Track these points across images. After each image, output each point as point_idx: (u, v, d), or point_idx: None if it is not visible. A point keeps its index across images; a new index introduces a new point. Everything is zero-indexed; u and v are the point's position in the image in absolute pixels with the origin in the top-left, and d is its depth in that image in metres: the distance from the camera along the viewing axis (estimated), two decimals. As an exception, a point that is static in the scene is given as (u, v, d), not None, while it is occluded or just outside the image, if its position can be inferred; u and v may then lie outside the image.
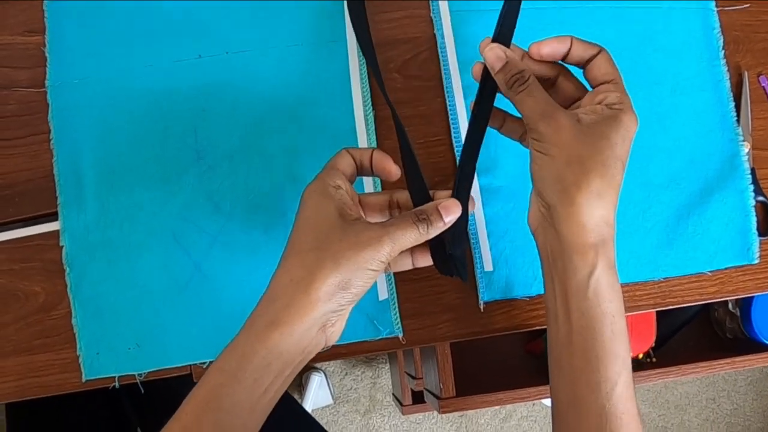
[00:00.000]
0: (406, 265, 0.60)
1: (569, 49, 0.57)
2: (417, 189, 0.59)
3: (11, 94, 0.72)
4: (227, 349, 0.53)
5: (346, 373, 1.83)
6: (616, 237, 0.68)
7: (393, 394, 1.74)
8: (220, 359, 0.53)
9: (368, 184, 0.69)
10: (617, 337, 0.53)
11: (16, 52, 0.73)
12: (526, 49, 0.58)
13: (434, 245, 0.58)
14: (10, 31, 0.73)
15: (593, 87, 0.57)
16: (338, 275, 0.51)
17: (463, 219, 0.57)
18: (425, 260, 0.60)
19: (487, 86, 0.58)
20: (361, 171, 0.60)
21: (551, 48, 0.57)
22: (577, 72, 0.59)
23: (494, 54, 0.56)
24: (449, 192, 0.58)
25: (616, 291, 0.54)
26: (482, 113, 0.59)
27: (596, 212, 0.52)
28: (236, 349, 0.52)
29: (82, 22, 0.72)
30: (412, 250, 0.59)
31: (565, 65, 0.59)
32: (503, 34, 0.58)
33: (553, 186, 0.53)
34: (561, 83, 0.59)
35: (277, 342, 0.51)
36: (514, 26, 0.58)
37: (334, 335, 0.55)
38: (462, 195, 0.58)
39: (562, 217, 0.52)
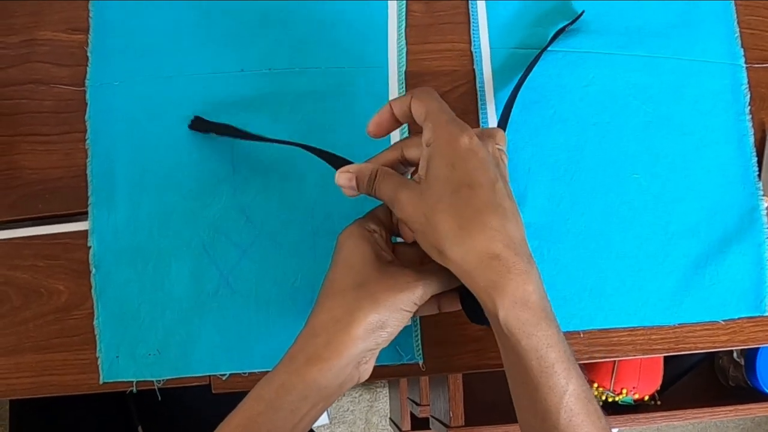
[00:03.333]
0: (432, 310, 0.62)
1: (391, 112, 0.57)
2: None
3: (50, 90, 0.72)
4: (266, 379, 0.54)
5: (344, 394, 1.83)
6: (635, 281, 0.70)
7: (390, 418, 1.73)
8: (258, 388, 0.54)
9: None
10: (546, 370, 0.50)
11: (59, 49, 0.73)
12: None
13: (464, 293, 0.58)
14: (53, 27, 0.73)
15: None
16: (377, 315, 0.53)
17: None
18: (451, 306, 0.61)
19: None
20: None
21: (375, 123, 0.58)
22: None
23: (344, 177, 0.58)
24: None
25: (534, 325, 0.50)
26: None
27: (471, 254, 0.50)
28: (276, 380, 0.53)
29: (127, 24, 0.73)
30: (439, 297, 0.60)
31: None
32: None
33: (435, 255, 0.53)
34: (407, 153, 0.58)
35: (316, 377, 0.52)
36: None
37: (366, 372, 0.57)
38: None
39: (458, 275, 0.52)
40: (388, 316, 0.53)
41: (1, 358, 0.68)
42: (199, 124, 0.70)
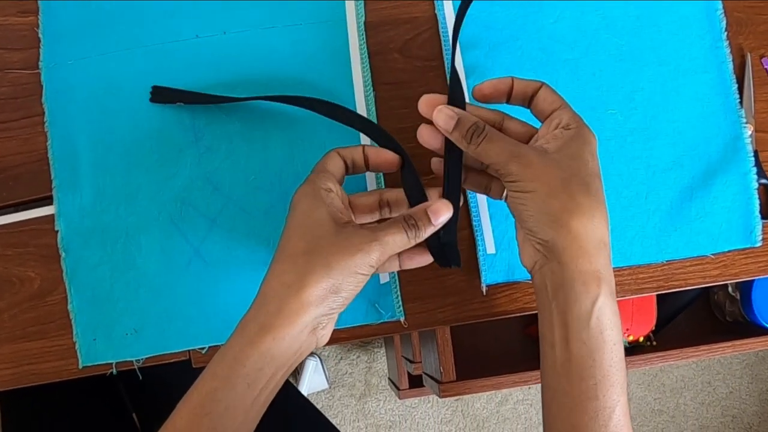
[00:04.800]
0: (393, 267, 0.61)
1: (511, 86, 0.58)
2: (412, 188, 0.59)
3: (4, 75, 0.70)
4: (220, 353, 0.53)
5: (341, 358, 1.83)
6: (619, 221, 0.68)
7: (389, 378, 1.74)
8: (212, 364, 0.53)
9: (371, 182, 0.69)
10: (616, 364, 0.53)
11: (9, 33, 0.71)
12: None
13: (431, 242, 0.58)
14: (2, 12, 0.71)
15: (542, 120, 0.58)
16: (329, 280, 0.52)
17: (454, 214, 0.58)
18: (412, 262, 0.60)
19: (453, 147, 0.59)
20: (353, 170, 0.60)
21: (492, 86, 0.58)
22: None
23: (444, 115, 0.57)
24: (441, 190, 0.59)
25: (617, 317, 0.53)
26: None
27: (592, 234, 0.52)
28: (229, 354, 0.52)
29: (76, 2, 0.70)
30: (400, 252, 0.59)
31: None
32: (455, 96, 0.59)
33: (544, 220, 0.53)
34: (507, 126, 0.59)
35: (270, 346, 0.51)
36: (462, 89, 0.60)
37: (324, 337, 0.55)
38: (452, 193, 0.59)
39: (563, 247, 0.52)
40: (341, 280, 0.52)
41: (-21, 351, 0.67)
42: (161, 95, 0.68)
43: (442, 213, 0.56)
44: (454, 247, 0.60)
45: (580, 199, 0.52)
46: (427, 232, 0.56)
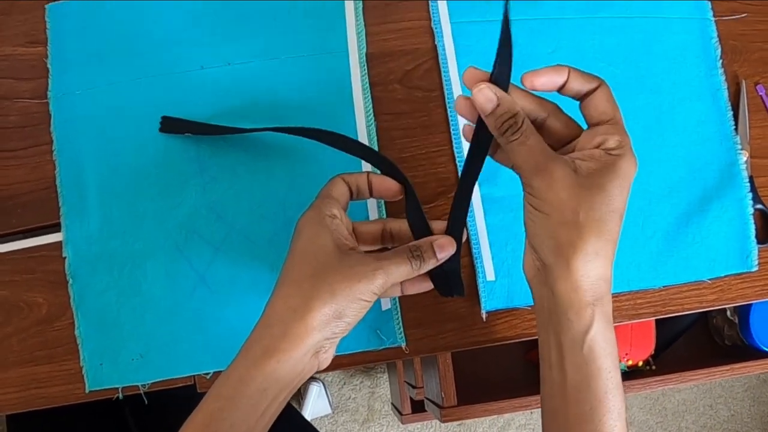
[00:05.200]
0: (395, 292, 0.61)
1: (566, 81, 0.53)
2: (416, 220, 0.60)
3: (13, 105, 0.72)
4: (224, 374, 0.53)
5: (345, 383, 1.83)
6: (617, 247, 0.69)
7: (392, 403, 1.74)
8: (217, 385, 0.53)
9: (372, 209, 0.70)
10: (611, 391, 0.52)
11: (18, 63, 0.73)
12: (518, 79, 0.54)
13: (433, 272, 0.59)
14: (11, 42, 0.73)
15: (590, 124, 0.54)
16: (333, 305, 0.52)
17: (457, 246, 0.59)
18: (414, 288, 0.61)
19: (483, 128, 0.55)
20: (357, 196, 0.60)
21: (547, 78, 0.53)
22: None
23: (484, 96, 0.52)
24: (444, 224, 0.59)
25: (612, 345, 0.53)
26: (479, 148, 0.57)
27: (592, 272, 0.51)
28: (234, 375, 0.53)
29: (84, 32, 0.72)
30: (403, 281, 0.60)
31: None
32: (501, 71, 0.53)
33: (548, 244, 0.52)
34: (551, 123, 0.55)
35: (274, 368, 0.52)
36: (510, 62, 0.53)
37: (326, 361, 0.56)
38: (456, 228, 0.59)
39: (557, 277, 0.51)
40: (345, 305, 0.53)
41: (-13, 375, 0.68)
42: (170, 125, 0.70)
43: (446, 249, 0.57)
44: (457, 276, 0.61)
45: (587, 238, 0.50)
46: (430, 265, 0.56)
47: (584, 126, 0.55)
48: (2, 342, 0.68)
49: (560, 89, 0.54)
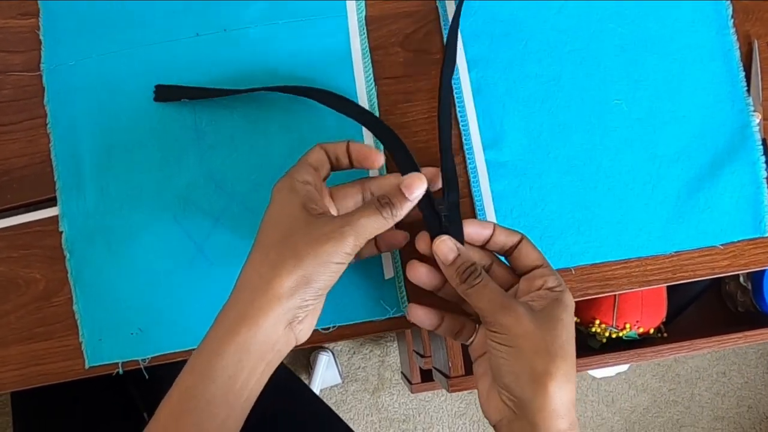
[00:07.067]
0: (371, 251, 0.61)
1: (491, 235, 0.58)
2: (406, 166, 0.58)
3: (6, 78, 0.70)
4: (198, 348, 0.53)
5: (354, 352, 1.83)
6: (626, 212, 0.67)
7: (401, 372, 1.74)
8: (191, 359, 0.53)
9: None
10: None
11: (10, 36, 0.71)
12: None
13: (423, 205, 0.58)
14: (3, 14, 0.71)
15: (521, 273, 0.59)
16: (300, 270, 0.51)
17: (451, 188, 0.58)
18: (387, 244, 0.61)
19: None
20: (338, 165, 0.60)
21: (474, 229, 0.58)
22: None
23: (447, 246, 0.56)
24: (435, 169, 0.59)
25: None
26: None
27: (565, 397, 0.52)
28: (206, 349, 0.52)
29: (77, 3, 0.70)
30: (376, 237, 0.59)
31: None
32: (455, 230, 0.58)
33: (524, 378, 0.52)
34: (495, 269, 0.60)
35: (246, 337, 0.51)
36: (460, 222, 0.58)
37: (303, 332, 0.55)
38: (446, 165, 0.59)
39: (537, 408, 0.52)
40: (313, 270, 0.51)
41: (-14, 353, 0.68)
42: (165, 93, 0.68)
43: (415, 186, 0.55)
44: (456, 222, 0.59)
45: (559, 363, 0.52)
46: (404, 208, 0.55)
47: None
48: (0, 319, 0.68)
49: (487, 242, 0.59)
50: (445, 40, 0.69)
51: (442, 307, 0.61)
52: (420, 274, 0.58)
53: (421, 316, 0.60)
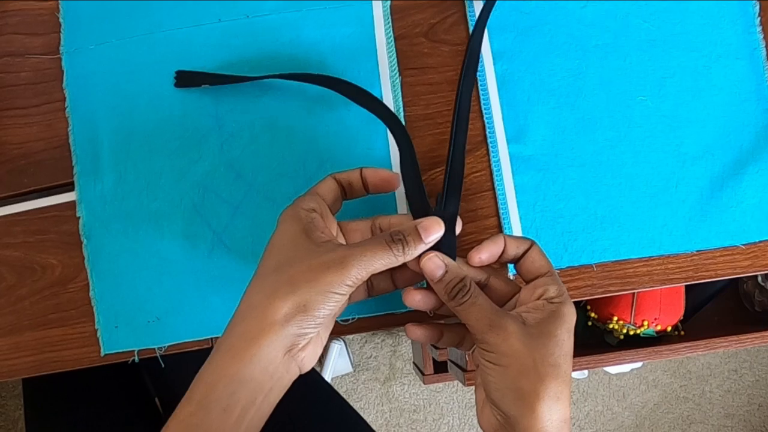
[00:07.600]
0: (386, 287, 0.59)
1: (504, 248, 0.56)
2: (416, 202, 0.57)
3: (25, 61, 0.70)
4: (197, 376, 0.51)
5: (366, 341, 1.82)
6: (648, 209, 0.66)
7: (414, 362, 1.73)
8: (192, 385, 0.51)
9: (401, 206, 0.67)
10: None
11: (30, 18, 0.70)
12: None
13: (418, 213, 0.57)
14: (22, -4, 0.71)
15: (527, 281, 0.57)
16: (294, 298, 0.49)
17: (451, 235, 0.56)
18: (405, 280, 0.59)
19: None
20: (351, 193, 0.59)
21: (489, 252, 0.56)
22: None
23: (434, 263, 0.54)
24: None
25: None
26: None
27: (555, 416, 0.51)
28: (203, 377, 0.51)
29: (97, -15, 0.70)
30: (393, 272, 0.58)
31: None
32: (448, 244, 0.56)
33: (511, 396, 0.51)
34: (492, 283, 0.58)
35: (238, 369, 0.50)
36: (455, 237, 0.57)
37: (306, 360, 0.53)
38: (451, 202, 0.57)
39: (525, 427, 0.51)
40: (310, 298, 0.49)
41: (0, 339, 0.67)
42: (186, 79, 0.67)
43: (433, 230, 0.54)
44: (451, 221, 0.57)
45: (548, 383, 0.51)
46: (418, 249, 0.53)
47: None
48: (15, 305, 0.67)
49: (500, 257, 0.57)
50: (470, 31, 0.68)
51: (441, 319, 0.60)
52: (416, 301, 0.57)
53: (419, 334, 0.58)
